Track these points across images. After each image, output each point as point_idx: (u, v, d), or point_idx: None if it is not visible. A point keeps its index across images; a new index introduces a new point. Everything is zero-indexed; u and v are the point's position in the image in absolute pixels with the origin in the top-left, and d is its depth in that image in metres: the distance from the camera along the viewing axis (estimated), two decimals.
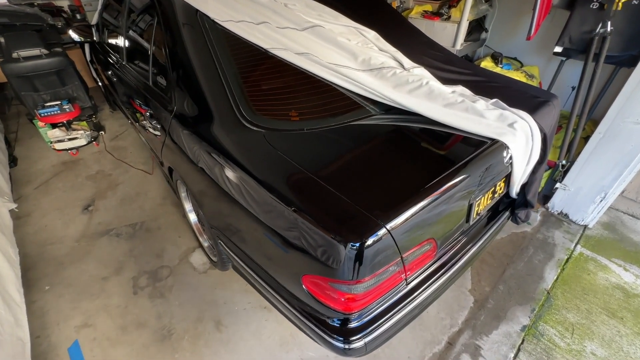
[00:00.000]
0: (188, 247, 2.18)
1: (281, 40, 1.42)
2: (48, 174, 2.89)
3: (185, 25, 1.51)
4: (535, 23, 1.95)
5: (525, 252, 2.16)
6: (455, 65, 1.79)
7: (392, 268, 1.02)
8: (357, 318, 1.12)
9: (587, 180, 2.20)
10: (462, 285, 1.95)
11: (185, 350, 1.64)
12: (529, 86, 1.75)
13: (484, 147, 1.19)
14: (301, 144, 1.18)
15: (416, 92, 1.36)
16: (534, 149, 1.33)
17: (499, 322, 1.76)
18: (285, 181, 1.05)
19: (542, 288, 1.93)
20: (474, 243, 1.46)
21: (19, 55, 2.82)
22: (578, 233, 2.30)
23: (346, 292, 0.98)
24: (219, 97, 1.31)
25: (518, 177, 1.38)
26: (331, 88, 1.39)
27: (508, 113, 1.31)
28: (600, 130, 2.02)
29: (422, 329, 1.73)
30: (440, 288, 1.32)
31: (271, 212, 1.04)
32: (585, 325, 1.75)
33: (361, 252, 0.89)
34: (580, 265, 2.07)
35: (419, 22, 2.53)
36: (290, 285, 1.17)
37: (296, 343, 1.67)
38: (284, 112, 1.31)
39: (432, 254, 1.17)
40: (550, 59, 2.59)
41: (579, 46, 1.99)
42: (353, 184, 1.02)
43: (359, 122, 1.31)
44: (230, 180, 1.17)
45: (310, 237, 0.94)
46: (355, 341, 1.10)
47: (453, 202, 1.09)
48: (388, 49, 1.59)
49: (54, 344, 1.67)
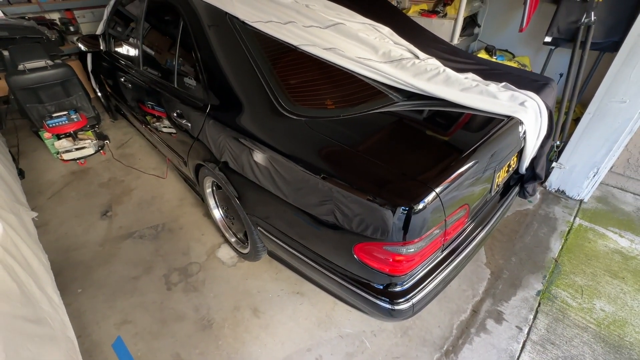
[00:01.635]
0: (213, 244, 2.24)
1: (308, 37, 1.54)
2: (59, 184, 2.89)
3: (213, 27, 1.61)
4: (527, 16, 2.15)
5: (530, 227, 2.33)
6: (460, 56, 1.95)
7: (436, 232, 1.14)
8: (400, 283, 1.23)
9: (581, 158, 2.40)
10: (478, 260, 2.09)
11: (227, 337, 1.71)
12: (527, 72, 1.93)
13: (503, 123, 1.33)
14: (341, 128, 1.30)
15: (435, 79, 1.50)
16: (542, 124, 1.49)
17: (516, 289, 1.91)
18: (333, 160, 1.16)
19: (550, 257, 2.10)
20: (492, 216, 1.61)
21: (24, 67, 2.83)
22: (575, 207, 2.49)
23: (397, 253, 1.09)
24: (257, 91, 1.41)
25: (530, 150, 1.54)
26: (358, 79, 1.51)
27: (518, 94, 1.47)
28: (590, 110, 2.22)
29: (447, 301, 1.86)
30: (465, 258, 1.45)
31: (325, 191, 1.14)
32: (592, 286, 1.92)
33: (415, 213, 1.00)
34: (581, 235, 2.26)
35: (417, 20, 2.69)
36: (338, 256, 1.27)
37: (333, 322, 1.76)
38: (320, 101, 1.42)
39: (464, 220, 1.30)
40: (539, 49, 2.82)
41: (566, 35, 2.20)
42: (396, 156, 1.15)
43: (387, 108, 1.44)
44: (277, 167, 1.27)
45: (368, 207, 1.04)
46: (402, 303, 1.21)
47: (483, 172, 1.23)
48: (402, 42, 1.73)
49: (97, 342, 1.71)
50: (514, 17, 2.82)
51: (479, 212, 1.52)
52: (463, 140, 1.27)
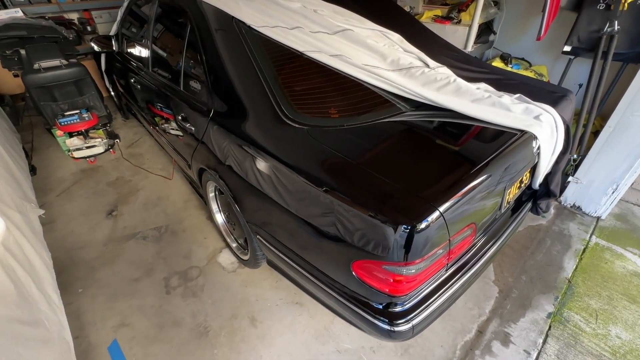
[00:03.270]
0: (215, 248, 2.23)
1: (315, 43, 1.50)
2: (68, 182, 2.94)
3: (219, 31, 1.59)
4: (545, 24, 2.06)
5: (542, 244, 2.23)
6: (473, 64, 1.88)
7: (440, 252, 1.08)
8: (400, 303, 1.18)
9: (599, 173, 2.29)
10: (486, 277, 2.00)
11: (223, 345, 1.68)
12: (544, 83, 1.85)
13: (516, 138, 1.27)
14: (344, 138, 1.25)
15: (445, 89, 1.44)
16: (558, 139, 1.41)
17: (525, 310, 1.82)
18: (335, 172, 1.12)
19: (562, 277, 2.00)
20: (502, 233, 1.53)
21: (40, 66, 2.89)
22: (592, 224, 2.37)
23: (398, 273, 1.04)
24: (260, 97, 1.38)
25: (544, 167, 1.46)
26: (364, 87, 1.47)
27: (533, 106, 1.40)
28: (610, 124, 2.11)
29: (452, 319, 1.78)
30: (474, 275, 1.38)
31: (324, 204, 1.10)
32: (608, 310, 1.81)
33: (417, 233, 0.95)
34: (597, 254, 2.14)
35: (430, 26, 2.63)
36: (337, 271, 1.22)
37: (331, 336, 1.71)
38: (324, 110, 1.38)
39: (471, 239, 1.24)
40: (557, 58, 2.71)
41: (587, 45, 2.10)
42: (402, 171, 1.09)
43: (393, 118, 1.39)
44: (276, 176, 1.23)
45: (367, 223, 1.00)
46: (402, 324, 1.15)
47: (492, 188, 1.17)
48: (412, 50, 1.68)
49: (93, 344, 1.70)
50: (532, 24, 2.73)
51: (487, 229, 1.45)
52: (472, 155, 1.20)
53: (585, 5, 2.03)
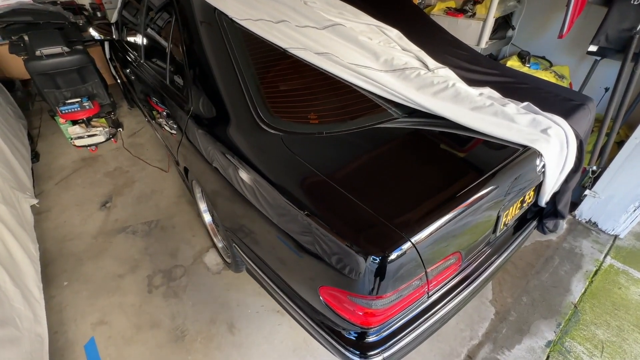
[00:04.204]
0: (202, 247, 2.18)
1: (300, 39, 1.37)
2: (68, 170, 2.95)
3: (203, 24, 1.48)
4: (569, 20, 1.84)
5: (550, 262, 2.05)
6: (481, 65, 1.70)
7: (415, 283, 0.96)
8: (375, 332, 1.07)
9: (620, 188, 2.07)
10: (483, 296, 1.87)
11: (198, 352, 1.63)
12: (561, 88, 1.65)
13: (515, 155, 1.11)
14: (320, 148, 1.14)
15: (441, 94, 1.29)
16: (568, 157, 1.24)
17: (522, 336, 1.68)
18: (303, 187, 1.01)
19: (568, 301, 1.83)
20: (500, 254, 1.38)
21: (42, 53, 2.88)
22: (608, 243, 2.17)
23: (366, 307, 0.93)
24: (235, 97, 1.28)
25: (550, 186, 1.30)
26: (352, 90, 1.33)
27: (541, 118, 1.23)
28: (637, 135, 1.89)
29: (440, 341, 1.66)
30: (463, 301, 1.26)
31: (290, 217, 1.00)
32: (616, 343, 1.64)
33: (383, 266, 0.84)
34: (610, 278, 1.96)
35: (442, 19, 2.43)
36: (305, 293, 1.13)
37: (309, 349, 1.63)
38: (302, 114, 1.26)
39: (456, 267, 1.11)
40: (582, 59, 2.45)
41: (616, 45, 1.86)
42: (376, 192, 0.97)
43: (381, 125, 1.25)
44: (246, 182, 1.14)
45: (330, 247, 0.89)
46: (373, 356, 1.05)
47: (480, 214, 1.03)
48: (411, 48, 1.52)
49: (71, 341, 1.69)
50: (555, 20, 2.46)
51: (481, 252, 1.31)
52: (462, 174, 1.06)
53: (617, 0, 1.79)
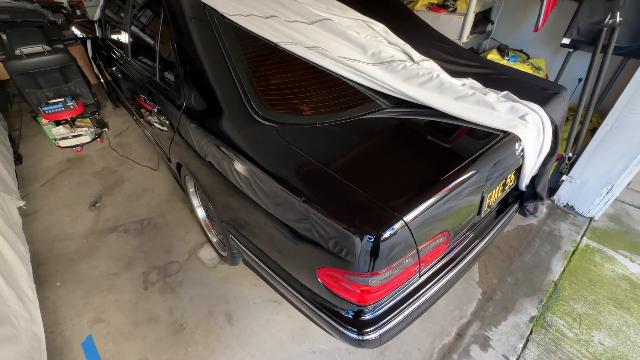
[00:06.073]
0: (196, 243, 2.19)
1: (290, 34, 1.41)
2: (54, 171, 2.90)
3: (193, 20, 1.50)
4: (543, 14, 1.94)
5: (531, 245, 2.17)
6: (463, 58, 1.78)
7: (408, 260, 1.03)
8: (370, 310, 1.13)
9: (594, 173, 2.21)
10: (470, 278, 1.96)
11: (197, 343, 1.66)
12: (537, 78, 1.75)
13: (496, 140, 1.19)
14: (314, 138, 1.18)
15: (427, 85, 1.35)
16: (545, 141, 1.34)
17: (507, 313, 1.78)
18: (299, 175, 1.06)
19: (549, 280, 1.95)
20: (484, 236, 1.47)
21: (21, 52, 2.80)
22: (584, 225, 2.31)
23: (362, 284, 0.99)
24: (229, 91, 1.31)
25: (529, 169, 1.39)
26: (342, 82, 1.38)
27: (519, 105, 1.31)
28: (608, 122, 2.02)
29: (431, 321, 1.75)
30: (452, 280, 1.33)
31: (287, 206, 1.04)
32: (593, 315, 1.76)
33: (378, 245, 0.89)
34: (586, 256, 2.09)
35: (425, 14, 2.51)
36: (304, 277, 1.18)
37: (307, 336, 1.69)
38: (295, 106, 1.31)
39: (445, 246, 1.18)
40: (556, 51, 2.58)
41: (587, 37, 1.98)
42: (368, 177, 1.03)
43: (371, 115, 1.31)
44: (242, 174, 1.17)
45: (326, 230, 0.95)
46: (370, 332, 1.11)
47: (467, 195, 1.10)
48: (397, 42, 1.58)
49: (68, 339, 1.69)
50: (532, 14, 2.58)
51: (467, 233, 1.39)
52: (448, 159, 1.13)
53: None
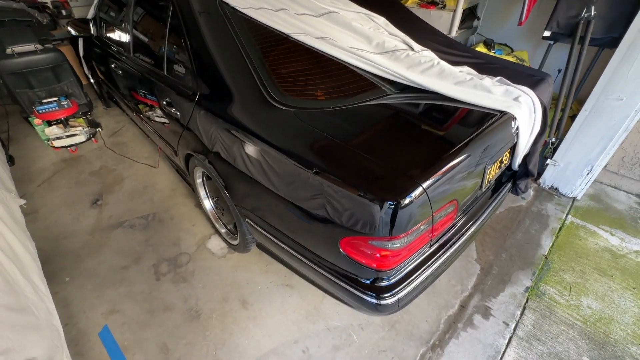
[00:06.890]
0: (204, 235, 2.23)
1: (300, 25, 1.49)
2: (49, 172, 2.86)
3: (204, 14, 1.56)
4: (527, 9, 2.10)
5: (522, 224, 2.33)
6: (456, 49, 1.91)
7: (423, 227, 1.13)
8: (387, 278, 1.22)
9: (575, 155, 2.39)
10: (469, 255, 2.09)
11: (215, 327, 1.71)
12: (524, 67, 1.91)
13: (495, 118, 1.31)
14: (330, 120, 1.27)
15: (428, 71, 1.47)
16: (536, 120, 1.47)
17: (505, 285, 1.91)
18: (322, 153, 1.14)
19: (540, 254, 2.10)
20: (482, 212, 1.59)
21: (13, 51, 2.76)
22: (568, 204, 2.49)
23: (383, 248, 1.08)
24: (246, 80, 1.38)
25: (522, 147, 1.52)
26: (350, 70, 1.48)
27: (512, 88, 1.44)
28: (586, 107, 2.20)
29: (436, 296, 1.86)
30: (455, 252, 1.44)
31: (312, 183, 1.12)
32: (581, 283, 1.92)
33: (397, 210, 0.99)
34: (572, 232, 2.26)
35: (416, 11, 2.64)
36: (325, 251, 1.26)
37: (321, 315, 1.76)
38: (310, 92, 1.39)
39: (453, 216, 1.29)
40: (538, 44, 2.78)
41: (565, 30, 2.16)
42: (385, 151, 1.12)
43: (378, 100, 1.41)
44: (264, 158, 1.24)
45: (353, 200, 1.03)
46: (388, 297, 1.20)
47: (473, 167, 1.21)
48: (397, 33, 1.69)
49: (83, 331, 1.70)
50: (515, 10, 2.77)
51: (469, 208, 1.51)
52: (454, 135, 1.24)
53: None
